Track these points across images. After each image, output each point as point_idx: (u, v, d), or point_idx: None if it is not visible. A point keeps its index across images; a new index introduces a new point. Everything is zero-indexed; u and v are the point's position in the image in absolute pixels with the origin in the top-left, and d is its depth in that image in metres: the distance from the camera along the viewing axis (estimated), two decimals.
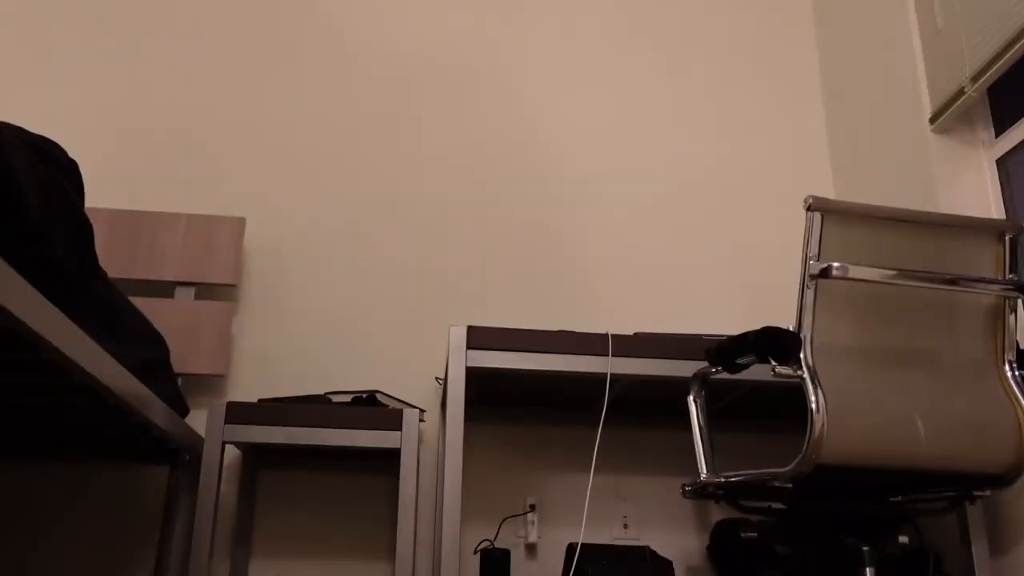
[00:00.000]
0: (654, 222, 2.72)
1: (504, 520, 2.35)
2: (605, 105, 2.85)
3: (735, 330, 2.60)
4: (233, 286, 2.46)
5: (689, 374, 1.90)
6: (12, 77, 2.63)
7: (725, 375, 1.66)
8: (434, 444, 2.41)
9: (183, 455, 2.01)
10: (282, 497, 2.30)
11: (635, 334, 2.02)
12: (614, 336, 1.95)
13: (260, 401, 1.94)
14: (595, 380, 2.05)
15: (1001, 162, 2.26)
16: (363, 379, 2.44)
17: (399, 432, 1.91)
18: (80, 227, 1.67)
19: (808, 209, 1.50)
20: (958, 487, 1.59)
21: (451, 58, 2.84)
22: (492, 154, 2.74)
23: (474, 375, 2.01)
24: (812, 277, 1.48)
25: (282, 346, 2.44)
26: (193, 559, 1.79)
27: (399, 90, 2.77)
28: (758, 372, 1.92)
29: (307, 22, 2.82)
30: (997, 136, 2.28)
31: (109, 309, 1.80)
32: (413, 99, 2.77)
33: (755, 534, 1.82)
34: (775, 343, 1.46)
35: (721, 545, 2.21)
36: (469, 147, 2.74)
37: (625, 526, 2.36)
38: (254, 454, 2.29)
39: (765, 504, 1.67)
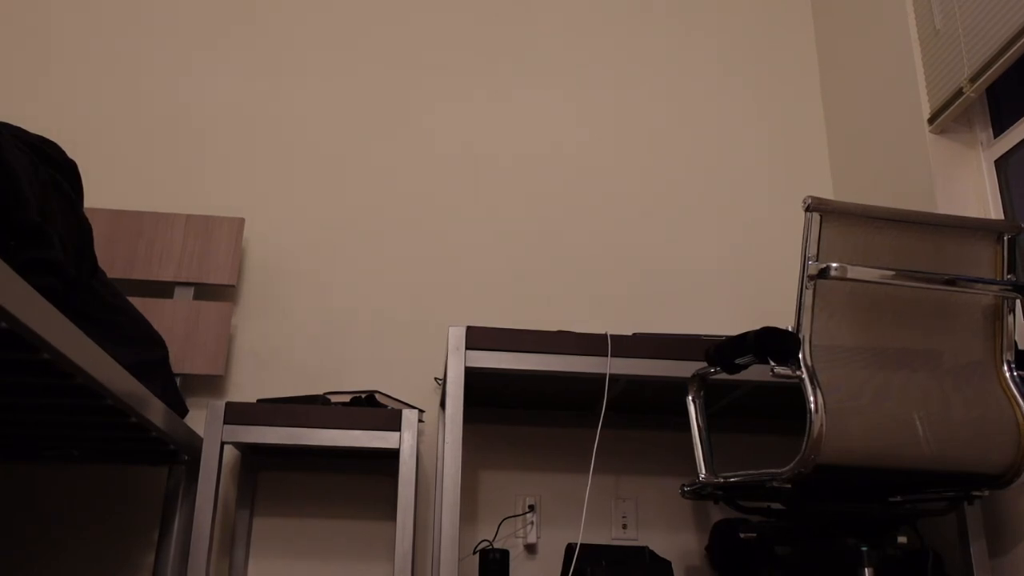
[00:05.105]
0: (653, 222, 2.73)
1: (503, 520, 2.35)
2: (604, 105, 2.85)
3: (734, 330, 2.61)
4: (232, 286, 2.46)
5: (688, 374, 1.90)
6: (12, 77, 2.63)
7: (724, 375, 1.66)
8: (433, 444, 2.41)
9: (182, 455, 2.00)
10: (281, 497, 2.30)
11: (634, 334, 2.02)
12: (613, 336, 1.95)
13: (259, 401, 1.94)
14: (594, 380, 2.05)
15: (1000, 162, 2.26)
16: (362, 379, 2.44)
17: (398, 432, 1.91)
18: (79, 227, 1.67)
19: (807, 209, 1.50)
20: (957, 487, 1.59)
21: (451, 59, 2.84)
22: (491, 153, 2.74)
23: (473, 375, 2.02)
24: (811, 277, 1.48)
25: (281, 346, 2.44)
26: (192, 559, 1.79)
27: (399, 90, 2.77)
28: (757, 372, 1.92)
29: (307, 21, 2.82)
30: (996, 136, 2.28)
31: (108, 309, 1.80)
32: (413, 99, 2.77)
33: (754, 534, 1.82)
34: (774, 343, 1.46)
35: (720, 545, 2.21)
36: (469, 146, 2.74)
37: (624, 526, 2.36)
38: (253, 454, 2.29)
39: (764, 504, 1.67)
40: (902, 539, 1.56)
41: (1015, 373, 1.58)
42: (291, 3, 2.84)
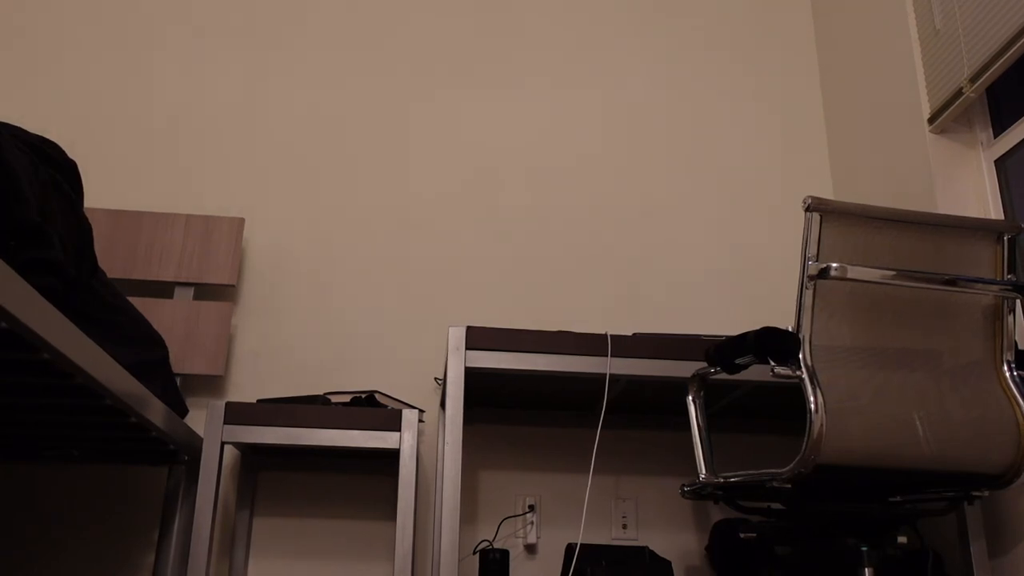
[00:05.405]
0: (654, 222, 2.72)
1: (503, 520, 2.35)
2: (603, 105, 2.85)
3: (734, 330, 2.61)
4: (232, 286, 2.46)
5: (688, 374, 1.90)
6: (12, 77, 2.63)
7: (724, 375, 1.66)
8: (433, 444, 2.41)
9: (182, 455, 2.01)
10: (281, 497, 2.30)
11: (634, 334, 2.02)
12: (613, 336, 1.95)
13: (259, 401, 1.94)
14: (594, 380, 2.05)
15: (1000, 162, 2.26)
16: (362, 379, 2.44)
17: (398, 432, 1.91)
18: (79, 227, 1.67)
19: (807, 209, 1.50)
20: (957, 487, 1.59)
21: (451, 59, 2.84)
22: (492, 153, 2.74)
23: (473, 375, 2.02)
24: (811, 278, 1.48)
25: (281, 346, 2.44)
26: (192, 559, 1.79)
27: (399, 90, 2.77)
28: (757, 372, 1.92)
29: (307, 22, 2.82)
30: (996, 136, 2.28)
31: (108, 310, 1.80)
32: (413, 99, 2.77)
33: (754, 534, 1.82)
34: (774, 343, 1.46)
35: (720, 545, 2.21)
36: (469, 146, 2.74)
37: (624, 526, 2.36)
38: (253, 454, 2.29)
39: (764, 504, 1.67)
40: (902, 539, 1.56)
41: (1015, 373, 1.58)
42: (291, 3, 2.84)
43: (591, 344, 1.94)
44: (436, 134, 2.74)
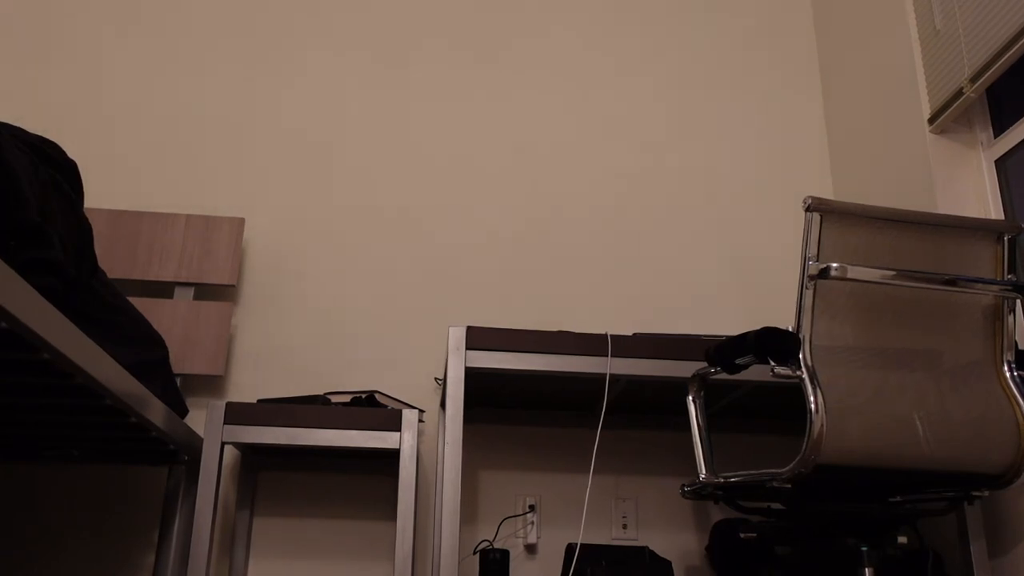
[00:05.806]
0: (654, 222, 2.72)
1: (503, 520, 2.35)
2: (604, 105, 2.85)
3: (735, 330, 2.61)
4: (232, 286, 2.46)
5: (688, 374, 1.90)
6: (12, 76, 2.63)
7: (724, 375, 1.66)
8: (433, 444, 2.41)
9: (182, 455, 2.00)
10: (281, 497, 2.30)
11: (634, 334, 2.02)
12: (613, 336, 1.95)
13: (259, 401, 1.94)
14: (594, 380, 2.05)
15: (1000, 162, 2.26)
16: (362, 379, 2.44)
17: (398, 432, 1.91)
18: (79, 227, 1.67)
19: (807, 209, 1.50)
20: (957, 487, 1.59)
21: (450, 59, 2.84)
22: (492, 153, 2.74)
23: (473, 375, 2.02)
24: (811, 278, 1.48)
25: (281, 346, 2.44)
26: (192, 560, 1.79)
27: (400, 90, 2.77)
28: (757, 372, 1.92)
29: (307, 22, 2.82)
30: (996, 136, 2.28)
31: (108, 310, 1.80)
32: (413, 99, 2.77)
33: (754, 534, 1.82)
34: (774, 343, 1.46)
35: (720, 546, 2.21)
36: (469, 146, 2.74)
37: (624, 526, 2.36)
38: (253, 454, 2.29)
39: (764, 504, 1.67)
40: (902, 539, 1.56)
41: (1015, 373, 1.58)
42: (292, 3, 2.83)
43: (591, 344, 1.94)
44: (437, 134, 2.74)
